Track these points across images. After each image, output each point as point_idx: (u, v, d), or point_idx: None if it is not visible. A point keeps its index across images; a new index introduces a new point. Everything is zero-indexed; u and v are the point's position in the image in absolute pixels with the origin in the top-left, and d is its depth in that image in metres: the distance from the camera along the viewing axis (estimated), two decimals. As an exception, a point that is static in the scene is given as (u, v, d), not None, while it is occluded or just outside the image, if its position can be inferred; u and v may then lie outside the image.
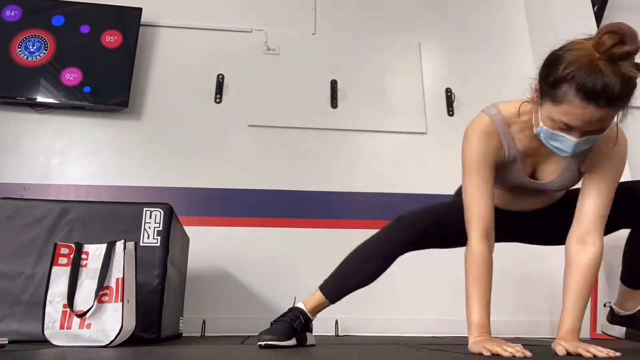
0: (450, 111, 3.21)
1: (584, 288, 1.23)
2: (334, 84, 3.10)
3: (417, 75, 3.24)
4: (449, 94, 3.23)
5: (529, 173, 1.31)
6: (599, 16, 3.32)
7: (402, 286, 2.76)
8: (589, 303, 2.50)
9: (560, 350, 1.10)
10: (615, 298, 1.59)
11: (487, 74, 3.32)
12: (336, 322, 2.56)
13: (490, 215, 1.23)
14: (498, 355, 1.04)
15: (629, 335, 1.47)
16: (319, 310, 1.53)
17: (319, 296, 1.51)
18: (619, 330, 1.51)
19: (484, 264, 1.25)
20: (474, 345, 1.14)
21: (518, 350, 1.04)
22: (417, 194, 2.97)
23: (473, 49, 3.39)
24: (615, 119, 1.12)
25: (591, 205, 1.24)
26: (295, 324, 1.43)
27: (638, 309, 1.45)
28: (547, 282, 2.85)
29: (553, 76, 1.07)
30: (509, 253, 2.89)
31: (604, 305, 1.64)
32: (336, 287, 1.52)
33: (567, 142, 1.10)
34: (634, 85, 1.01)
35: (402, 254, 1.51)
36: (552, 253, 3.00)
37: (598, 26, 3.26)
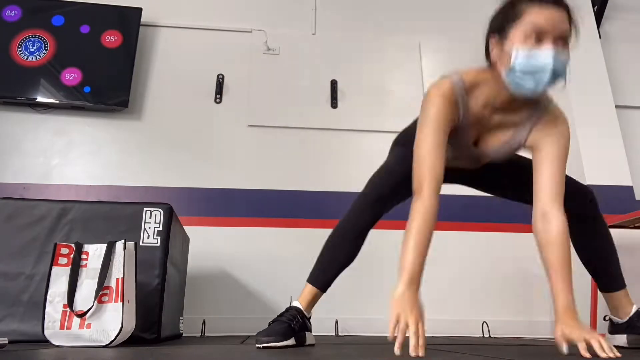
0: (450, 111, 3.21)
1: (563, 263, 1.25)
2: (334, 84, 3.10)
3: (417, 75, 3.24)
4: (449, 94, 3.23)
5: (473, 140, 1.37)
6: (599, 16, 3.32)
7: (402, 286, 2.77)
8: (589, 304, 2.51)
9: (563, 346, 1.11)
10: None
11: (487, 74, 3.33)
12: (336, 322, 2.56)
13: (441, 174, 1.27)
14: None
15: (632, 343, 1.44)
16: (314, 303, 1.53)
17: (309, 289, 1.52)
18: (621, 340, 1.47)
19: (432, 218, 1.28)
20: (395, 304, 1.10)
21: (415, 332, 1.03)
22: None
23: (473, 49, 3.38)
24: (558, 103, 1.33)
25: (547, 183, 1.29)
26: (293, 323, 1.42)
27: (631, 314, 1.44)
28: (547, 283, 2.85)
29: (510, 9, 1.21)
30: (509, 253, 2.90)
31: (604, 319, 1.59)
32: (323, 275, 1.54)
33: (546, 54, 1.14)
34: None
35: (371, 227, 1.57)
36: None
37: (598, 26, 3.27)
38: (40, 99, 2.77)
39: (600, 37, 3.19)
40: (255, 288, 2.67)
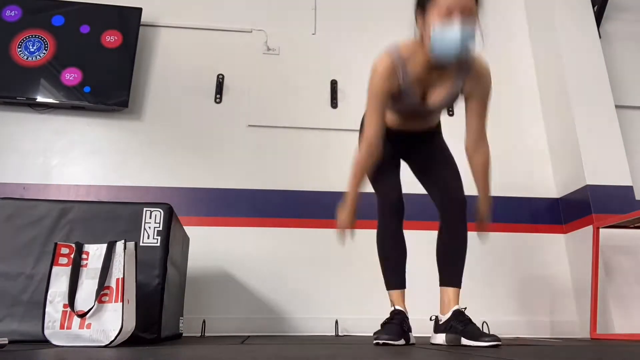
0: (450, 111, 3.21)
1: (485, 176, 1.77)
2: (334, 84, 3.10)
3: (417, 75, 3.24)
4: (449, 94, 3.23)
5: (421, 96, 1.66)
6: (599, 16, 3.32)
7: (402, 286, 2.77)
8: (590, 305, 2.51)
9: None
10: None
11: (487, 74, 3.33)
12: (336, 322, 2.56)
13: (379, 138, 1.66)
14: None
15: (449, 341, 1.57)
16: (404, 300, 1.78)
17: (396, 294, 1.77)
18: (440, 339, 1.62)
19: (366, 167, 1.72)
20: (341, 212, 1.75)
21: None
22: (417, 194, 2.97)
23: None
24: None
25: (474, 123, 1.71)
26: (404, 325, 1.64)
27: (450, 314, 1.62)
28: (547, 282, 2.85)
29: None
30: (509, 253, 2.90)
31: (430, 319, 1.74)
32: (396, 276, 1.80)
33: (455, 29, 1.45)
34: None
35: (402, 218, 1.87)
36: (552, 253, 3.01)
37: (598, 26, 3.27)
38: (40, 99, 2.77)
39: (600, 37, 3.18)
40: (255, 288, 2.67)
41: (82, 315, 1.38)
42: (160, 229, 1.71)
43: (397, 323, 1.62)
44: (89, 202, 1.77)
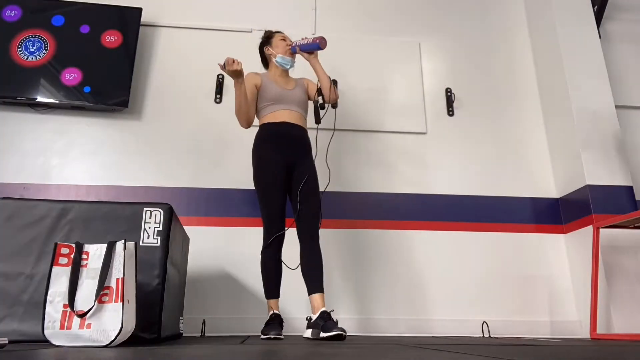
0: (450, 111, 3.21)
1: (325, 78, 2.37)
2: (334, 84, 3.09)
3: (417, 75, 3.24)
4: (449, 94, 3.23)
5: (282, 87, 2.36)
6: (599, 16, 3.32)
7: (402, 287, 2.77)
8: (590, 305, 2.51)
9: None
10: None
11: (487, 74, 3.33)
12: (336, 322, 2.55)
13: (252, 107, 2.33)
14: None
15: (313, 335, 1.97)
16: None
17: (272, 302, 2.22)
18: (311, 333, 1.99)
19: (250, 114, 2.33)
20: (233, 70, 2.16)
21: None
22: (417, 194, 2.97)
23: (473, 49, 3.39)
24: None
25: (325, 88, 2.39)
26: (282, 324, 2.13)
27: (318, 314, 1.98)
28: (547, 283, 2.85)
29: (268, 37, 2.50)
30: (509, 253, 2.90)
31: (306, 319, 2.09)
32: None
33: (287, 58, 2.39)
34: None
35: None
36: (552, 253, 3.01)
37: (598, 26, 3.27)
38: (40, 99, 2.77)
39: (600, 37, 3.19)
40: (256, 288, 2.66)
41: (82, 315, 1.38)
42: (160, 229, 1.71)
43: (277, 322, 2.08)
44: (89, 202, 1.77)
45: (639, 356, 1.15)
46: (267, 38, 2.48)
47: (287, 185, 2.25)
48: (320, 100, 2.42)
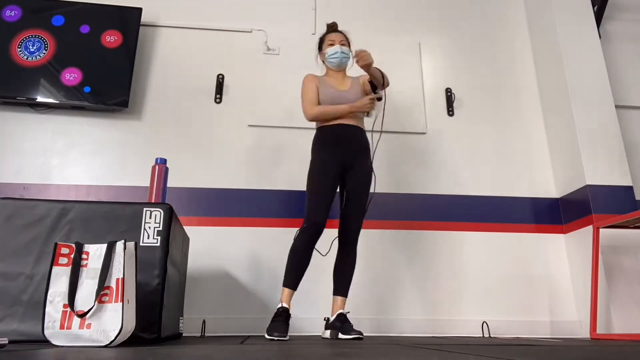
0: (450, 111, 3.21)
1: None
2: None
3: (417, 75, 3.24)
4: (449, 94, 3.23)
5: (337, 88, 2.37)
6: (599, 16, 3.32)
7: (402, 287, 2.77)
8: (590, 305, 2.51)
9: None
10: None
11: (487, 74, 3.33)
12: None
13: (316, 104, 2.33)
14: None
15: (331, 335, 2.09)
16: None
17: (286, 292, 2.13)
18: (329, 334, 2.11)
19: (316, 116, 2.32)
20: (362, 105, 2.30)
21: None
22: (417, 193, 2.97)
23: (473, 48, 3.39)
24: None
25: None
26: (288, 321, 2.09)
27: (335, 316, 2.14)
28: (547, 282, 2.85)
29: (322, 39, 2.50)
30: (509, 253, 2.90)
31: (324, 319, 2.23)
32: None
33: (336, 49, 2.39)
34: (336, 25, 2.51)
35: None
36: (552, 253, 3.01)
37: (598, 26, 3.27)
38: (40, 99, 2.77)
39: (600, 37, 3.19)
40: (255, 288, 2.67)
41: (82, 315, 1.38)
42: (160, 229, 1.71)
43: (283, 320, 2.03)
44: (89, 202, 1.77)
45: (639, 356, 1.15)
46: (320, 43, 2.50)
47: (341, 182, 2.29)
48: (377, 94, 2.33)
